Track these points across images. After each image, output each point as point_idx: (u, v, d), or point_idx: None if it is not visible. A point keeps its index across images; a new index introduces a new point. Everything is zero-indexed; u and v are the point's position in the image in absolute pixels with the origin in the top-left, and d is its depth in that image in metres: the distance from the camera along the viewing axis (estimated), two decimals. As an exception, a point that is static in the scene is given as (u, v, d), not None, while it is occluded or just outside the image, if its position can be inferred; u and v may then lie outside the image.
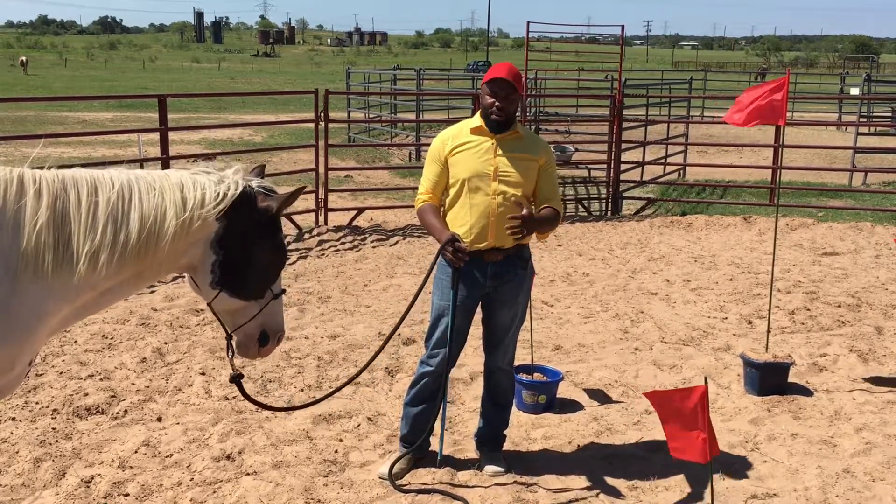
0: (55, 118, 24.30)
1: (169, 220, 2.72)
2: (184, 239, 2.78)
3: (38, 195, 2.55)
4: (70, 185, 2.63)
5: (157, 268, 2.83)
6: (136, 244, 2.68)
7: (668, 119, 16.02)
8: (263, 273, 3.00)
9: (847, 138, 19.28)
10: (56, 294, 2.60)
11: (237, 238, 2.87)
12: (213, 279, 2.90)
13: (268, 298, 3.05)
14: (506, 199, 3.95)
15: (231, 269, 2.90)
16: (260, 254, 2.94)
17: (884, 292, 7.72)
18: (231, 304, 3.00)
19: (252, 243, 2.91)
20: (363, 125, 20.52)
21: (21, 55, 66.46)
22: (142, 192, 2.71)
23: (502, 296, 4.10)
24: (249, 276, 2.95)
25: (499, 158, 3.97)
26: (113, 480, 4.11)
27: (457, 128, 4.13)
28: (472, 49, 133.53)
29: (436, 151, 4.08)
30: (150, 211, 2.70)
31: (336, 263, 8.80)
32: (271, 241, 2.98)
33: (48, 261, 2.54)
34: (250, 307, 3.03)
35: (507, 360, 4.28)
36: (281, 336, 3.18)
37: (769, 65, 79.12)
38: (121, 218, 2.66)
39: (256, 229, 2.91)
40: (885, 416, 4.99)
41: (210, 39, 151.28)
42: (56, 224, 2.56)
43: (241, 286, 2.95)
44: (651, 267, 8.74)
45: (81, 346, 6.01)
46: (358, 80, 25.97)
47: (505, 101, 3.92)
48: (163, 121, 9.23)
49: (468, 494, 4.04)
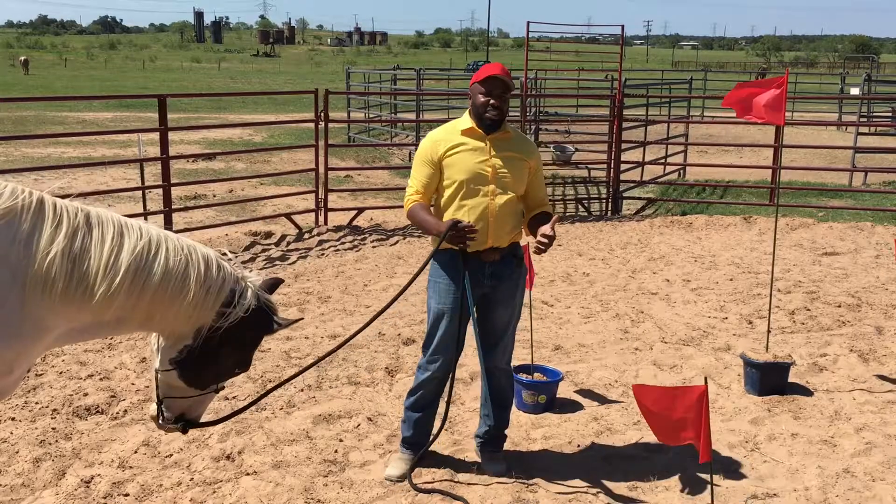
0: (55, 118, 24.29)
1: (187, 289, 2.74)
2: (186, 311, 2.79)
3: (57, 224, 2.56)
4: (95, 223, 2.64)
5: (154, 324, 2.85)
6: (150, 297, 2.70)
7: (668, 119, 16.03)
8: (220, 373, 3.06)
9: (847, 138, 19.28)
10: (59, 313, 2.62)
11: (220, 337, 2.89)
12: (176, 358, 2.94)
13: (209, 391, 3.12)
14: (503, 200, 3.96)
15: (195, 359, 2.93)
16: (229, 359, 3.00)
17: (884, 292, 7.72)
18: (175, 383, 3.04)
19: (229, 347, 2.94)
20: (363, 125, 20.51)
21: (21, 55, 66.45)
22: (169, 250, 2.74)
23: (500, 295, 4.10)
24: (207, 370, 3.00)
25: (494, 159, 3.97)
26: (113, 480, 4.11)
27: (446, 129, 4.08)
28: (472, 49, 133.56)
29: (427, 153, 4.01)
30: (173, 271, 2.72)
31: (336, 263, 8.80)
32: (245, 353, 3.04)
33: (59, 288, 2.55)
34: (188, 391, 3.07)
35: (506, 359, 4.28)
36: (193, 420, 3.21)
37: (769, 65, 79.15)
38: (142, 270, 2.67)
39: (239, 338, 2.94)
40: (885, 416, 4.99)
41: (210, 39, 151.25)
42: (73, 256, 2.57)
43: (194, 375, 3.00)
44: (651, 267, 8.74)
45: (81, 345, 6.01)
46: (358, 80, 25.97)
47: (500, 99, 3.92)
48: (163, 121, 9.22)
49: (468, 494, 4.03)
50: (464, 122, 4.05)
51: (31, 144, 17.13)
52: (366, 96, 20.94)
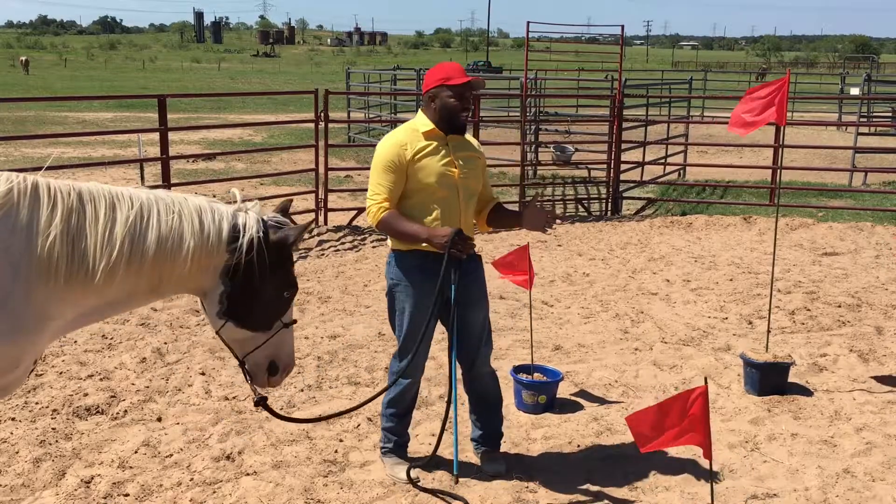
0: (55, 118, 24.29)
1: (186, 244, 2.73)
2: (196, 264, 2.79)
3: (53, 206, 2.56)
4: (87, 200, 2.63)
5: (166, 288, 2.84)
6: (150, 264, 2.69)
7: (668, 119, 16.02)
8: (272, 305, 3.01)
9: (847, 138, 19.28)
10: (64, 299, 2.62)
11: (247, 270, 2.86)
12: (221, 309, 2.92)
13: (276, 329, 3.06)
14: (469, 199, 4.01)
15: (239, 301, 2.91)
16: (269, 287, 2.95)
17: (884, 292, 7.72)
18: (238, 334, 3.01)
19: (262, 276, 2.90)
20: (363, 125, 20.52)
21: (21, 55, 66.44)
22: (161, 212, 2.73)
23: (472, 295, 4.06)
24: (257, 308, 2.96)
25: (456, 160, 3.98)
26: (113, 481, 4.11)
27: (405, 132, 3.98)
28: (472, 49, 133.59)
29: (393, 159, 3.88)
30: (167, 232, 2.71)
31: (336, 263, 8.80)
32: (282, 275, 2.98)
33: (60, 272, 2.55)
34: (257, 337, 3.04)
35: (489, 360, 4.28)
36: (289, 367, 3.18)
37: (769, 65, 79.13)
38: (138, 237, 2.67)
39: (268, 262, 2.90)
40: (885, 416, 4.99)
41: (210, 39, 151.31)
42: (71, 237, 2.57)
43: (247, 317, 2.96)
44: (651, 267, 8.73)
45: (81, 346, 6.01)
46: (358, 80, 25.96)
47: (470, 102, 3.99)
48: (163, 121, 9.23)
49: (468, 494, 4.03)
50: (422, 123, 3.99)
51: (31, 144, 17.13)
52: (366, 96, 20.94)
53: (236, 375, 5.51)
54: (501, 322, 6.73)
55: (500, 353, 6.06)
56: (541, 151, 15.34)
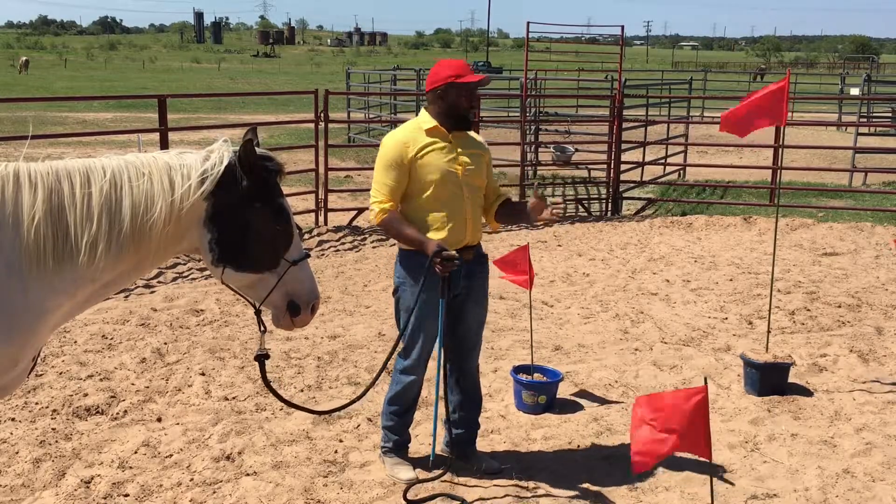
0: (55, 118, 24.29)
1: (158, 205, 2.68)
2: (176, 223, 2.74)
3: (34, 190, 2.55)
4: (63, 177, 2.61)
5: (155, 255, 2.79)
6: (130, 232, 2.66)
7: (668, 119, 16.02)
8: (266, 241, 2.88)
9: (847, 138, 19.28)
10: (57, 289, 2.60)
11: (228, 211, 2.80)
12: (214, 257, 2.84)
13: (284, 267, 2.93)
14: (475, 196, 4.01)
15: (228, 243, 2.82)
16: (256, 221, 2.84)
17: (884, 292, 7.72)
18: (243, 279, 2.91)
19: (245, 214, 2.82)
20: (363, 125, 20.51)
21: (21, 55, 66.43)
22: (132, 178, 2.69)
23: (474, 295, 4.09)
24: (249, 246, 2.85)
25: (461, 157, 3.98)
26: (113, 481, 4.11)
27: (409, 130, 4.00)
28: (472, 49, 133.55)
29: (396, 156, 3.90)
30: (139, 197, 2.67)
31: (336, 263, 8.80)
32: (267, 208, 2.87)
33: (48, 254, 2.54)
34: (266, 278, 2.93)
35: (478, 357, 4.30)
36: (315, 303, 3.04)
37: (769, 65, 79.17)
38: (114, 207, 2.64)
39: (248, 199, 2.82)
40: (885, 417, 4.99)
41: (210, 40, 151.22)
42: (53, 217, 2.56)
43: (243, 259, 2.86)
44: (651, 267, 8.74)
45: (81, 346, 6.01)
46: (358, 80, 25.96)
47: (477, 100, 3.98)
48: (163, 121, 9.23)
49: (468, 494, 4.04)
50: (425, 120, 4.00)
51: (31, 145, 17.06)
52: (366, 96, 20.95)
53: (236, 375, 5.51)
54: (501, 322, 6.74)
55: (500, 353, 6.06)
56: (541, 152, 15.34)
